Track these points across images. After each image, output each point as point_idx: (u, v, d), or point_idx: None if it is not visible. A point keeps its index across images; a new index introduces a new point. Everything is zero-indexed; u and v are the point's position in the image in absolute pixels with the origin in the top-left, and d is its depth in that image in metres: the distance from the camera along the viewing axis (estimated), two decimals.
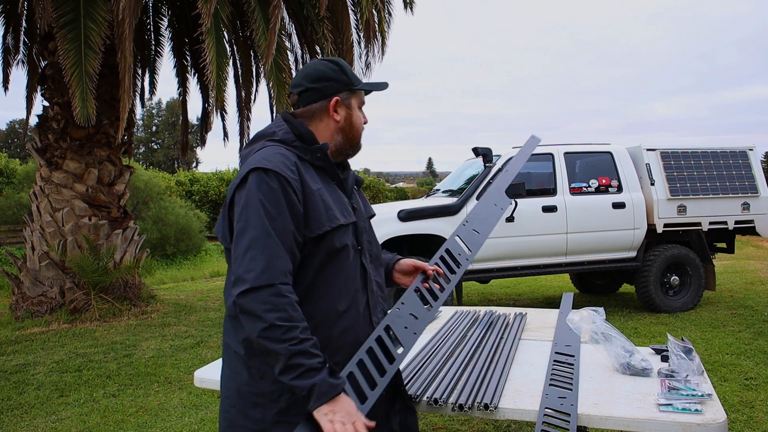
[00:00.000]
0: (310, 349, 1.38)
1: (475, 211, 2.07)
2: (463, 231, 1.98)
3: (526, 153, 2.38)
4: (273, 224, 1.43)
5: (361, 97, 1.74)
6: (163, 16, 9.23)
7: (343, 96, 1.67)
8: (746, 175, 6.99)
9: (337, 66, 1.69)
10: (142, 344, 5.98)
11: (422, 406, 1.90)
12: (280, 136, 1.61)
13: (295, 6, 8.48)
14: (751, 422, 3.54)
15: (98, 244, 7.54)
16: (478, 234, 1.99)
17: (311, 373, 1.37)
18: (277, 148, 1.57)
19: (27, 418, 4.04)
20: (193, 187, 20.22)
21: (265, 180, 1.46)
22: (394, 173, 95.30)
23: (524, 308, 3.19)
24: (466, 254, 1.92)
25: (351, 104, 1.69)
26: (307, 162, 1.59)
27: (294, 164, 1.53)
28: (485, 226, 2.04)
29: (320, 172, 1.62)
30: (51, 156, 7.68)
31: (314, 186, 1.54)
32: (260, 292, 1.38)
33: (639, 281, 6.81)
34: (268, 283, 1.39)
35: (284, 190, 1.46)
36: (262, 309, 1.37)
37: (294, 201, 1.48)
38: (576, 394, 1.84)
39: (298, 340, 1.37)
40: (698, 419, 1.62)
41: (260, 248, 1.41)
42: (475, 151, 6.52)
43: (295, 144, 1.60)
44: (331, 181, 1.64)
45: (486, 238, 2.01)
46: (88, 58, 6.22)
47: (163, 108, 52.13)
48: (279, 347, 1.37)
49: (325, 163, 1.62)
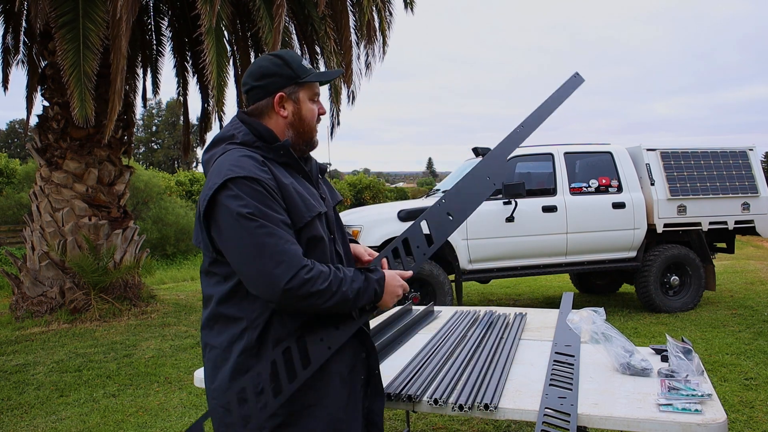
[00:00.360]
0: (350, 275, 1.57)
1: (460, 185, 1.94)
2: (434, 214, 1.86)
3: (563, 96, 2.16)
4: (273, 221, 1.47)
5: (314, 88, 1.70)
6: (164, 16, 9.23)
7: (288, 90, 1.65)
8: (746, 175, 6.99)
9: (281, 60, 1.66)
10: (142, 344, 5.98)
11: (422, 406, 1.90)
12: (240, 139, 1.62)
13: (296, 6, 8.48)
14: (751, 422, 3.54)
15: (98, 244, 7.54)
16: (450, 220, 1.86)
17: (366, 286, 1.59)
18: (240, 150, 1.57)
19: (27, 418, 4.04)
20: (193, 187, 20.20)
21: (248, 185, 1.48)
22: (394, 173, 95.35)
23: (524, 308, 3.19)
24: (425, 249, 1.82)
25: (299, 98, 1.66)
26: (272, 160, 1.61)
27: (263, 164, 1.55)
28: (464, 209, 1.89)
29: (286, 168, 1.64)
30: (51, 156, 7.68)
31: (286, 181, 1.57)
32: (300, 274, 1.45)
33: (639, 281, 6.81)
34: (296, 270, 1.45)
35: (267, 190, 1.50)
36: (311, 286, 1.47)
37: (277, 199, 1.51)
38: (576, 394, 1.84)
39: (344, 280, 1.54)
40: (698, 419, 1.62)
41: (276, 241, 1.46)
42: (475, 151, 6.52)
43: (257, 144, 1.61)
44: (297, 174, 1.66)
45: (459, 225, 1.88)
46: (86, 58, 6.22)
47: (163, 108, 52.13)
48: (338, 298, 1.52)
49: (289, 158, 1.63)
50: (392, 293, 1.67)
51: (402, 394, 1.92)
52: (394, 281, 1.68)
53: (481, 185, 1.95)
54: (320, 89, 1.76)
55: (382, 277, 1.65)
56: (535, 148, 6.85)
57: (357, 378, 1.68)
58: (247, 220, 1.45)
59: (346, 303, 1.55)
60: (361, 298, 1.58)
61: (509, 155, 2.04)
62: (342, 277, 1.54)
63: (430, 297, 6.10)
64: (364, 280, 1.59)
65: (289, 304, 1.47)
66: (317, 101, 1.72)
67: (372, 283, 1.61)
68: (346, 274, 1.56)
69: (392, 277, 1.69)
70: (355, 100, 9.05)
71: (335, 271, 1.54)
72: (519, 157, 6.71)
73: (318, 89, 1.73)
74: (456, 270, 6.35)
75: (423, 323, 3.02)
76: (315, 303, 1.49)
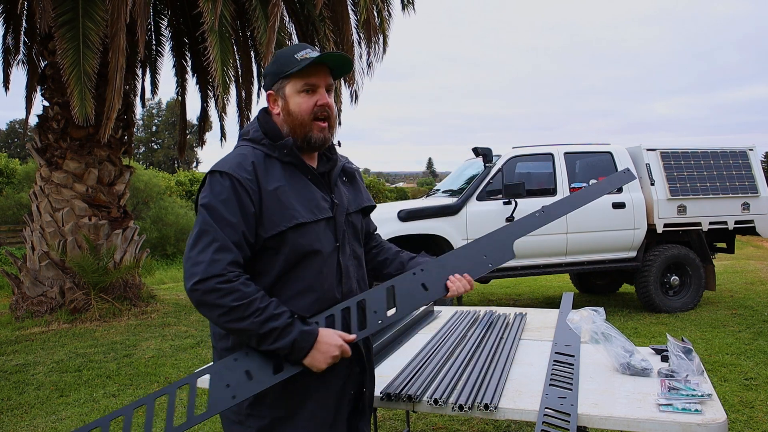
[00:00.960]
0: (274, 312, 1.45)
1: (448, 258, 1.72)
2: (406, 281, 1.66)
3: (605, 189, 2.06)
4: (220, 220, 1.47)
5: (303, 80, 1.58)
6: (163, 16, 9.23)
7: (276, 87, 1.63)
8: (746, 175, 6.99)
9: (274, 58, 1.66)
10: (142, 344, 5.98)
11: (422, 406, 1.90)
12: (251, 135, 1.63)
13: (295, 6, 8.49)
14: (751, 422, 3.54)
15: (98, 244, 7.54)
16: (425, 293, 1.66)
17: (286, 330, 1.45)
18: (244, 148, 1.60)
19: (27, 418, 4.04)
20: (193, 187, 20.20)
21: (218, 181, 1.51)
22: (394, 173, 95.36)
23: (524, 308, 3.19)
24: (382, 316, 1.61)
25: (285, 93, 1.61)
26: (276, 159, 1.58)
27: (251, 164, 1.53)
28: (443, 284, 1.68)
29: (290, 167, 1.59)
30: (51, 156, 7.68)
31: (273, 185, 1.53)
32: (209, 281, 1.42)
33: (639, 281, 6.80)
34: (216, 273, 1.42)
35: (234, 189, 1.49)
36: (215, 297, 1.42)
37: (244, 200, 1.49)
38: (576, 394, 1.83)
39: (260, 310, 1.43)
40: (698, 419, 1.62)
41: (207, 242, 1.45)
42: (475, 151, 6.53)
43: (263, 142, 1.60)
44: (303, 176, 1.61)
45: (434, 299, 1.70)
46: (86, 57, 6.23)
47: (163, 108, 52.13)
48: (245, 324, 1.43)
49: (293, 158, 1.59)
50: (325, 353, 1.48)
51: (402, 394, 1.91)
52: (331, 340, 1.50)
53: (474, 261, 1.74)
54: (328, 78, 1.62)
55: (313, 332, 1.48)
56: (535, 148, 6.85)
57: (347, 392, 1.64)
58: (202, 210, 1.49)
59: (251, 336, 1.44)
60: (272, 341, 1.44)
61: (515, 239, 1.81)
62: (261, 307, 1.43)
63: None
64: (287, 326, 1.45)
65: (195, 304, 1.46)
66: (317, 92, 1.60)
67: (294, 332, 1.45)
68: (269, 308, 1.44)
69: (329, 336, 1.50)
70: (358, 100, 9.06)
71: (259, 299, 1.44)
72: (519, 157, 6.71)
73: (314, 79, 1.59)
74: None
75: (423, 323, 3.02)
76: (215, 315, 1.44)
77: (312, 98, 1.59)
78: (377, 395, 1.94)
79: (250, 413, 1.56)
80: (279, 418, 1.55)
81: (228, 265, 1.44)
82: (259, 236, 1.51)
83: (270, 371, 1.48)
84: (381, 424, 3.66)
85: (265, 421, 1.54)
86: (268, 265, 1.54)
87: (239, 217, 1.48)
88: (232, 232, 1.46)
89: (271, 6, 6.53)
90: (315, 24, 8.18)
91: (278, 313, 1.45)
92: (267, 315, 1.43)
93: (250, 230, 1.49)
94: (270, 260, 1.53)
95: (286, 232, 1.51)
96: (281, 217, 1.51)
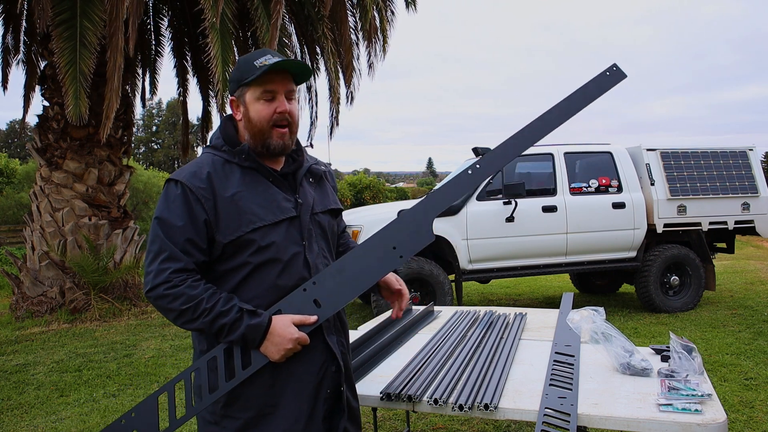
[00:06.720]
0: (222, 309, 1.50)
1: (346, 260, 1.61)
2: (292, 303, 1.57)
3: (594, 94, 1.71)
4: (168, 228, 1.53)
5: (262, 87, 1.59)
6: (163, 16, 9.23)
7: (237, 94, 1.65)
8: (746, 175, 6.99)
9: (236, 65, 1.68)
10: (142, 344, 5.98)
11: (422, 406, 1.90)
12: (213, 142, 1.68)
13: (295, 6, 8.48)
14: (751, 422, 3.54)
15: (98, 244, 7.54)
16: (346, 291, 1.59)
17: (235, 326, 1.51)
18: (205, 155, 1.65)
19: (27, 418, 4.04)
20: None
21: (172, 189, 1.56)
22: (394, 173, 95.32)
23: (524, 308, 3.19)
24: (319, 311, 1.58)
25: (245, 100, 1.62)
26: (236, 164, 1.61)
27: (207, 174, 1.56)
28: (347, 291, 1.59)
29: (251, 171, 1.62)
30: (51, 156, 7.68)
31: (229, 192, 1.56)
32: (158, 289, 1.50)
33: (639, 281, 6.80)
34: (162, 281, 1.50)
35: (185, 197, 1.54)
36: (165, 302, 1.50)
37: (195, 208, 1.53)
38: (576, 394, 1.84)
39: (208, 310, 1.50)
40: (698, 419, 1.62)
41: (155, 252, 1.53)
42: (475, 151, 6.52)
43: (224, 148, 1.64)
44: (264, 178, 1.63)
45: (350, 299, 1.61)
46: (82, 56, 6.23)
47: (163, 108, 52.11)
48: (197, 324, 1.51)
49: (252, 162, 1.62)
50: (278, 345, 1.51)
51: (402, 394, 1.91)
52: (284, 333, 1.51)
53: (379, 256, 1.60)
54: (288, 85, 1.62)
55: (261, 325, 1.51)
56: (535, 148, 6.84)
57: (322, 392, 1.63)
58: (154, 222, 1.55)
59: (201, 331, 1.57)
60: (225, 336, 1.51)
61: (434, 216, 1.62)
62: (208, 307, 1.49)
63: (430, 297, 6.10)
64: (235, 321, 1.50)
65: (155, 307, 1.54)
66: (276, 99, 1.60)
67: (242, 327, 1.50)
68: (216, 306, 1.50)
69: (282, 328, 1.52)
70: (353, 101, 9.06)
71: (206, 300, 1.49)
72: (519, 157, 6.71)
73: (273, 86, 1.59)
74: (456, 270, 6.34)
75: (423, 323, 3.02)
76: (171, 318, 1.54)
77: (271, 105, 1.60)
78: (377, 395, 1.94)
79: (225, 414, 1.59)
80: (253, 418, 1.57)
81: (173, 273, 1.50)
82: (218, 242, 1.55)
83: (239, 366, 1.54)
84: (381, 424, 3.66)
85: (239, 422, 1.57)
86: (233, 267, 1.58)
87: (188, 225, 1.52)
88: (179, 240, 1.52)
89: (274, 3, 6.53)
90: (315, 24, 8.18)
91: (225, 309, 1.51)
92: (215, 313, 1.50)
93: (200, 236, 1.54)
94: (234, 263, 1.58)
95: (244, 236, 1.55)
96: (239, 223, 1.55)
